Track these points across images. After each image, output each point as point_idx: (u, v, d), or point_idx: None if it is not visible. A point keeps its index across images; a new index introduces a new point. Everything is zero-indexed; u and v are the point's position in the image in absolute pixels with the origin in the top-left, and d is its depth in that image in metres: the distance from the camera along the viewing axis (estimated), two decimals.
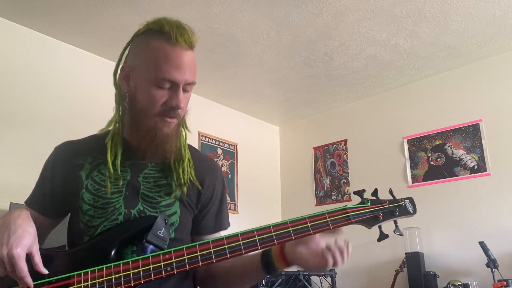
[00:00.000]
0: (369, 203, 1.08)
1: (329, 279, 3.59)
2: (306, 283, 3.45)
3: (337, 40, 3.34)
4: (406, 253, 3.53)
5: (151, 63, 1.05)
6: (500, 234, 3.30)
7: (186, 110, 1.13)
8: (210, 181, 1.19)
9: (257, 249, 0.99)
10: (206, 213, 1.19)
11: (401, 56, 3.59)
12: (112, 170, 1.08)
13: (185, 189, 1.12)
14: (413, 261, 3.46)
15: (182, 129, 1.16)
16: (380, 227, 1.08)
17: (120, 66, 1.15)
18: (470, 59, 3.68)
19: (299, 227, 1.01)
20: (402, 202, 1.10)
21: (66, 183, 1.12)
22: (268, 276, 1.08)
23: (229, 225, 1.24)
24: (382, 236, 1.08)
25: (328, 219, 1.03)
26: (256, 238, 0.99)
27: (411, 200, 1.13)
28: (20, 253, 0.93)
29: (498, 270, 3.02)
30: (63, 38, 3.28)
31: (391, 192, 1.13)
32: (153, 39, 1.07)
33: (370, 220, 1.06)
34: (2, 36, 3.01)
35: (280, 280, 3.37)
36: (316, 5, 2.92)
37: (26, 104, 3.04)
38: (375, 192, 1.11)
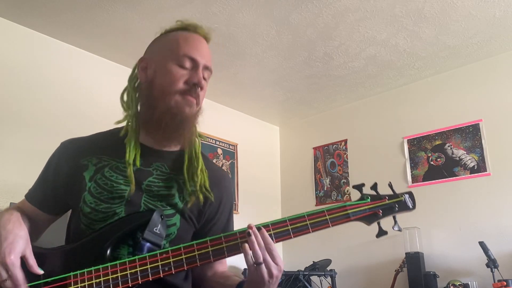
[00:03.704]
0: (368, 199, 1.06)
1: (329, 279, 3.59)
2: (306, 283, 3.45)
3: (337, 40, 3.34)
4: (406, 253, 3.53)
5: (172, 46, 1.11)
6: (500, 234, 3.30)
7: (201, 107, 1.14)
8: (217, 194, 1.16)
9: None
10: (212, 226, 1.16)
11: (401, 56, 3.59)
12: (131, 172, 1.05)
13: (191, 201, 1.09)
14: (413, 261, 3.46)
15: (196, 136, 1.16)
16: (379, 223, 1.06)
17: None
18: (470, 59, 3.68)
19: (298, 225, 1.00)
20: (402, 198, 1.07)
21: (69, 183, 1.10)
22: None
23: None
24: (381, 233, 1.06)
25: (327, 217, 1.02)
26: None
27: (410, 194, 1.10)
28: (14, 261, 0.92)
29: (498, 270, 3.02)
30: (63, 38, 3.28)
31: (390, 186, 1.11)
32: (171, 33, 1.15)
33: (369, 217, 1.05)
34: (2, 36, 3.02)
35: (280, 280, 3.36)
36: (316, 5, 2.92)
37: (26, 104, 3.04)
38: (374, 186, 1.09)
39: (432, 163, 3.80)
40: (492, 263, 2.99)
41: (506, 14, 3.04)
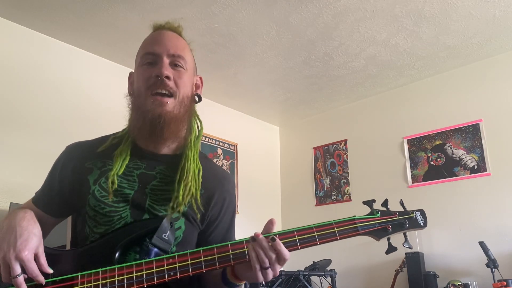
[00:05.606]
0: (378, 214, 1.05)
1: (329, 279, 3.59)
2: (306, 283, 3.45)
3: (337, 40, 3.34)
4: (406, 253, 3.53)
5: (139, 52, 1.14)
6: (500, 234, 3.30)
7: (187, 96, 1.12)
8: (220, 196, 1.15)
9: None
10: (215, 228, 1.16)
11: (401, 56, 3.59)
12: (111, 184, 1.06)
13: (186, 207, 1.09)
14: (413, 261, 3.46)
15: (193, 126, 1.16)
16: (388, 239, 1.06)
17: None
18: (470, 59, 3.68)
19: (306, 236, 0.99)
20: (413, 215, 1.07)
21: (74, 186, 1.11)
22: None
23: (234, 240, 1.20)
24: (391, 249, 1.05)
25: (335, 229, 1.00)
26: None
27: (422, 212, 1.09)
28: (28, 256, 0.93)
29: (498, 270, 3.02)
30: (63, 38, 3.28)
31: (401, 203, 1.10)
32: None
33: (379, 232, 1.04)
34: (2, 36, 3.02)
35: (280, 280, 3.37)
36: (316, 5, 2.92)
37: (26, 104, 3.04)
38: (385, 203, 1.08)
39: (432, 163, 3.80)
40: (492, 263, 2.99)
41: (506, 14, 3.04)
